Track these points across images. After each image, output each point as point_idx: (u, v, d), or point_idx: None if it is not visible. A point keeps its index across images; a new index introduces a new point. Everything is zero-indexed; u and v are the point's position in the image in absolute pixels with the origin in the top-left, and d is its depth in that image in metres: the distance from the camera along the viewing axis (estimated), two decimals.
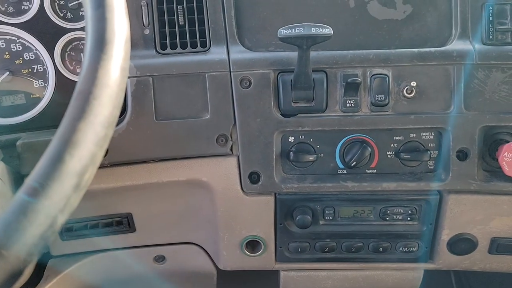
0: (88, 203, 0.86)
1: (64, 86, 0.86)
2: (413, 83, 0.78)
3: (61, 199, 0.35)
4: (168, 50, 0.81)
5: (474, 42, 0.80)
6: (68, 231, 0.91)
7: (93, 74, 0.41)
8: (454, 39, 0.81)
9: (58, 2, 0.84)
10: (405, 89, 0.79)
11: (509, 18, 0.80)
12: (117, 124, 0.80)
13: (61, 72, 0.85)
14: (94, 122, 0.39)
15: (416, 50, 0.80)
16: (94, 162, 0.39)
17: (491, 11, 0.80)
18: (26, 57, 0.84)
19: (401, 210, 0.86)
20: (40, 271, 0.96)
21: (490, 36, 0.80)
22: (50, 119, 0.86)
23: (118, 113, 0.43)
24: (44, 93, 0.86)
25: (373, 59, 0.79)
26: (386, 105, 0.80)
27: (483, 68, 0.79)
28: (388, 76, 0.79)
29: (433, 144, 0.82)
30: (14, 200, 0.34)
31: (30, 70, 0.85)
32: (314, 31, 0.69)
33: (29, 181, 0.35)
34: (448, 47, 0.80)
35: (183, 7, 0.82)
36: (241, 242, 0.90)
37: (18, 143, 0.77)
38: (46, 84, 0.85)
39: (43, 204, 0.34)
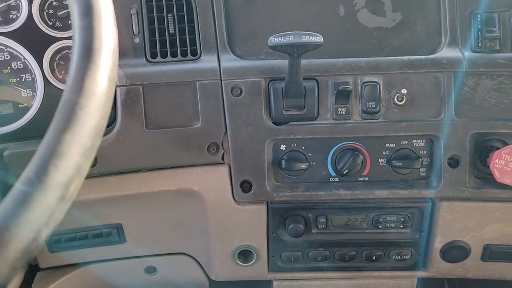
0: (77, 214, 0.85)
1: (53, 96, 0.84)
2: (404, 91, 0.79)
3: (45, 211, 0.34)
4: (159, 58, 0.81)
5: (463, 50, 0.81)
6: (57, 242, 0.90)
7: (79, 84, 0.40)
8: (444, 47, 0.82)
9: (47, 11, 0.84)
10: (396, 96, 0.79)
11: (497, 26, 0.80)
12: (107, 134, 0.79)
13: (50, 81, 0.84)
14: (80, 132, 0.38)
15: (406, 57, 0.80)
16: (80, 173, 0.38)
17: (479, 19, 0.81)
18: (14, 66, 0.83)
19: (394, 218, 0.86)
20: (28, 284, 0.95)
21: (479, 44, 0.80)
22: (38, 129, 0.84)
23: (105, 123, 0.42)
24: (32, 102, 0.84)
25: (363, 67, 0.79)
26: (377, 112, 0.80)
27: (472, 76, 0.79)
28: (378, 84, 0.79)
29: (425, 151, 0.82)
30: None
31: (18, 79, 0.84)
32: (305, 39, 0.69)
33: (11, 194, 0.34)
34: (438, 54, 0.81)
35: (173, 15, 0.81)
36: (233, 252, 0.89)
37: (5, 153, 0.76)
38: (34, 94, 0.84)
39: (26, 217, 0.33)
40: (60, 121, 0.38)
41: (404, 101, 0.79)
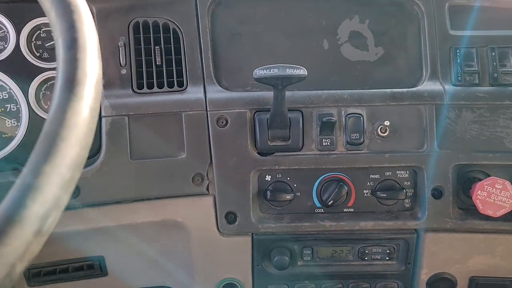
0: (58, 246, 0.83)
1: (38, 125, 0.84)
2: (387, 123, 0.80)
3: (21, 245, 0.34)
4: (145, 89, 0.81)
5: (444, 83, 0.83)
6: (36, 276, 0.87)
7: (61, 115, 0.40)
8: (425, 80, 0.84)
9: (34, 42, 0.84)
10: (379, 128, 0.80)
11: (475, 61, 0.83)
12: (91, 164, 0.78)
13: (35, 111, 0.84)
14: (60, 164, 0.37)
15: (388, 90, 0.82)
16: (58, 206, 0.37)
17: (458, 54, 0.84)
18: None
19: (380, 250, 0.85)
20: None
21: (459, 78, 0.83)
22: (22, 159, 0.83)
23: (86, 154, 0.42)
24: (16, 132, 0.84)
25: (347, 99, 0.81)
26: (361, 143, 0.80)
27: (453, 108, 0.81)
28: (362, 116, 0.80)
29: (409, 183, 0.83)
30: None
31: (2, 109, 0.83)
32: (289, 72, 0.70)
33: None
34: (420, 87, 0.83)
35: (160, 47, 0.83)
36: (218, 285, 0.88)
37: None
38: (19, 124, 0.84)
39: (0, 252, 0.32)
40: (40, 153, 0.38)
41: (387, 132, 0.80)
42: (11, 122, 0.84)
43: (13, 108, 0.84)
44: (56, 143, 0.38)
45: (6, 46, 0.83)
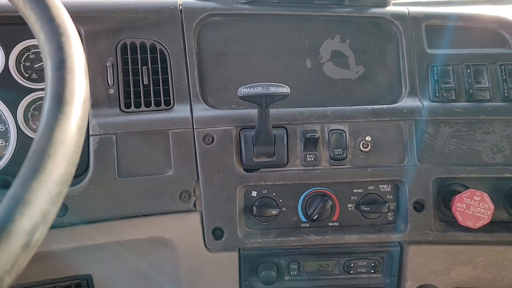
0: (45, 265, 0.83)
1: (26, 145, 0.85)
2: (368, 138, 0.82)
3: (9, 259, 0.35)
4: (132, 108, 0.83)
5: (422, 100, 0.86)
6: None
7: (49, 133, 0.41)
8: (404, 96, 0.87)
9: (23, 63, 0.86)
10: (361, 143, 0.83)
11: (452, 78, 0.87)
12: (79, 182, 0.79)
13: (23, 131, 0.85)
14: (47, 180, 0.39)
15: (369, 107, 0.84)
16: (46, 220, 0.38)
17: (435, 71, 0.87)
18: None
19: (364, 263, 0.87)
20: None
21: (437, 94, 0.86)
22: (9, 179, 0.84)
23: (73, 170, 0.43)
24: (4, 152, 0.84)
25: (330, 116, 0.83)
26: (344, 159, 0.83)
27: (432, 124, 0.84)
28: (344, 132, 0.83)
29: (391, 196, 0.85)
30: None
31: None
32: (272, 90, 0.73)
33: None
34: (399, 104, 0.85)
35: (147, 68, 0.85)
36: None
37: None
38: (7, 143, 0.84)
39: None
40: (28, 169, 0.39)
41: (369, 147, 0.83)
42: None
43: (2, 128, 0.85)
44: (44, 160, 0.40)
45: None
